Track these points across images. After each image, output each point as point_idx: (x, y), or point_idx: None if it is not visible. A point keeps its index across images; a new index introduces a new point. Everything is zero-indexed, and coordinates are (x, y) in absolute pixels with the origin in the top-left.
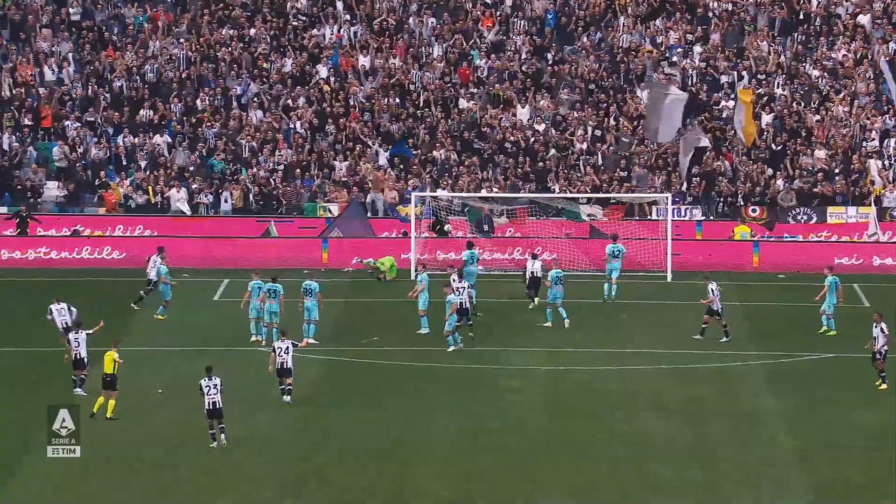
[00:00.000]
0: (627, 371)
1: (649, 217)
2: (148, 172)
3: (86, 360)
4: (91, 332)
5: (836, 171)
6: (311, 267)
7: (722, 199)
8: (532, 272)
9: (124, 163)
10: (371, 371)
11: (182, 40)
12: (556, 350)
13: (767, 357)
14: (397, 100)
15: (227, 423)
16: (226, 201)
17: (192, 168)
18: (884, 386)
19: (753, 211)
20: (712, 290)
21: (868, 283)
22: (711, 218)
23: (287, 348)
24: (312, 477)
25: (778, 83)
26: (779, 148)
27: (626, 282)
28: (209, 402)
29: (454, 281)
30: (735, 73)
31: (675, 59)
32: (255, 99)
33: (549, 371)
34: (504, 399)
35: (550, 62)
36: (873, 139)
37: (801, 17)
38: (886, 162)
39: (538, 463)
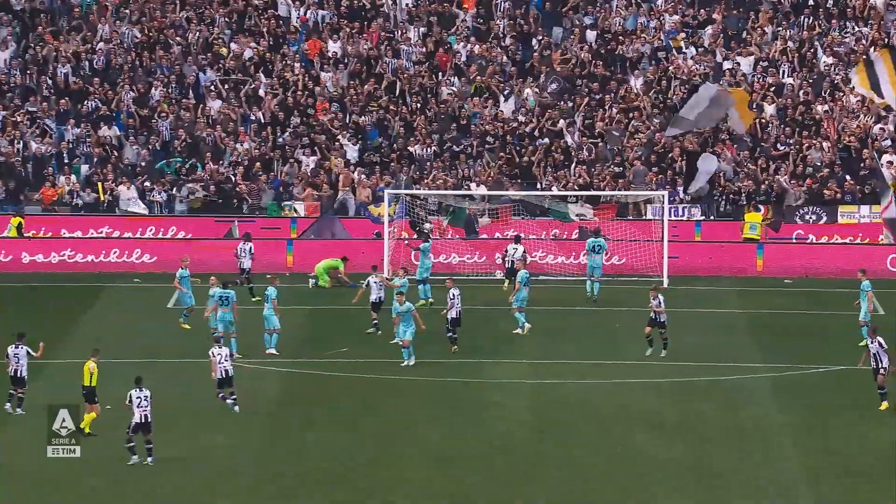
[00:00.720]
0: (621, 384)
1: (644, 217)
2: (98, 169)
3: (25, 377)
4: (34, 353)
5: (842, 167)
6: (274, 271)
7: (723, 198)
8: (513, 260)
9: (66, 160)
10: (339, 385)
11: (133, 23)
12: (543, 362)
13: (772, 370)
14: (378, 89)
15: (184, 437)
16: (181, 201)
17: (143, 163)
18: (884, 405)
19: (757, 210)
20: (660, 302)
21: (884, 290)
22: (712, 218)
23: (226, 355)
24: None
25: (784, 71)
26: (785, 142)
27: (619, 287)
28: (140, 416)
29: (453, 290)
30: (741, 58)
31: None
32: (213, 88)
33: (535, 385)
34: (487, 415)
35: (536, 49)
36: (886, 138)
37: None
38: None
39: (527, 483)
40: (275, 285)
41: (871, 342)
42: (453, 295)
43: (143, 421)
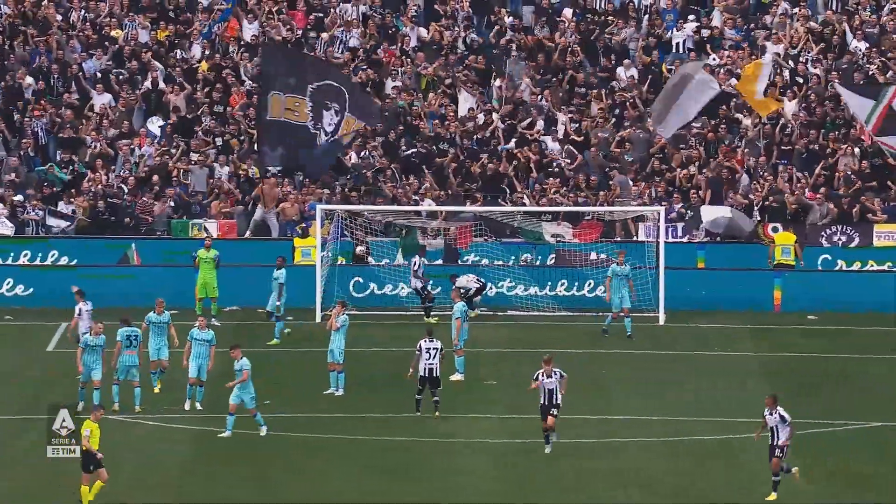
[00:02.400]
0: (610, 445)
1: (635, 238)
2: None
3: None
4: None
5: (877, 177)
6: (182, 307)
7: None
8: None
9: None
10: (261, 445)
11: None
12: (514, 417)
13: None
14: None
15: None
16: (70, 220)
17: (11, 175)
18: (773, 496)
19: (774, 230)
20: (560, 375)
21: None
22: (718, 239)
23: None
24: None
25: (807, 59)
26: (808, 146)
27: (603, 325)
28: None
29: (423, 341)
30: (750, 44)
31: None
32: (102, 79)
33: (505, 444)
34: (447, 483)
35: (505, 30)
36: None
37: None
38: None
39: None
40: (201, 327)
41: (771, 413)
42: (422, 347)
43: None
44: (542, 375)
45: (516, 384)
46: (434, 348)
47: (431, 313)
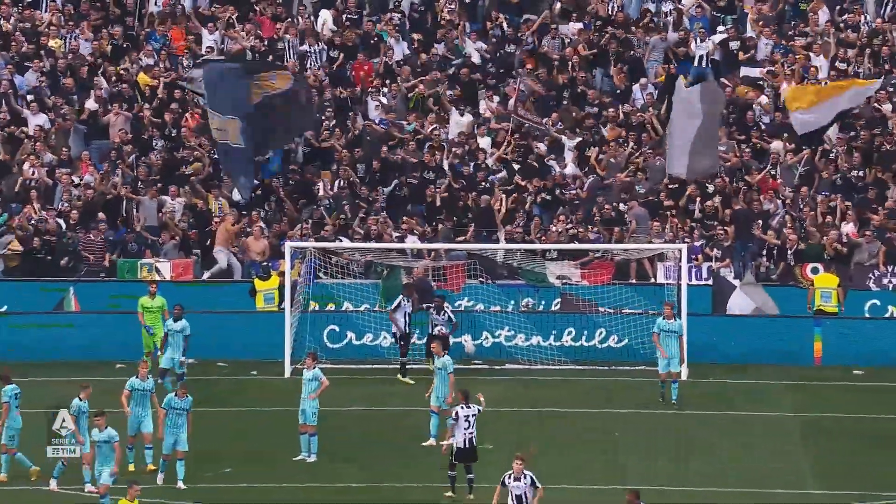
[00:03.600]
0: None
1: (653, 280)
2: None
3: None
4: None
5: None
6: (127, 360)
7: (764, 253)
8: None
9: None
10: None
11: None
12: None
13: (836, 497)
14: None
15: None
16: None
17: None
18: None
19: (814, 271)
20: (532, 481)
21: None
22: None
23: None
24: None
25: (849, 75)
26: (848, 176)
27: (620, 380)
28: None
29: (460, 408)
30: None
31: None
32: (34, 97)
33: None
34: None
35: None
36: None
37: None
38: None
39: None
40: (180, 396)
41: None
42: (459, 415)
43: None
44: (510, 478)
45: (517, 448)
46: (473, 415)
47: (407, 369)
